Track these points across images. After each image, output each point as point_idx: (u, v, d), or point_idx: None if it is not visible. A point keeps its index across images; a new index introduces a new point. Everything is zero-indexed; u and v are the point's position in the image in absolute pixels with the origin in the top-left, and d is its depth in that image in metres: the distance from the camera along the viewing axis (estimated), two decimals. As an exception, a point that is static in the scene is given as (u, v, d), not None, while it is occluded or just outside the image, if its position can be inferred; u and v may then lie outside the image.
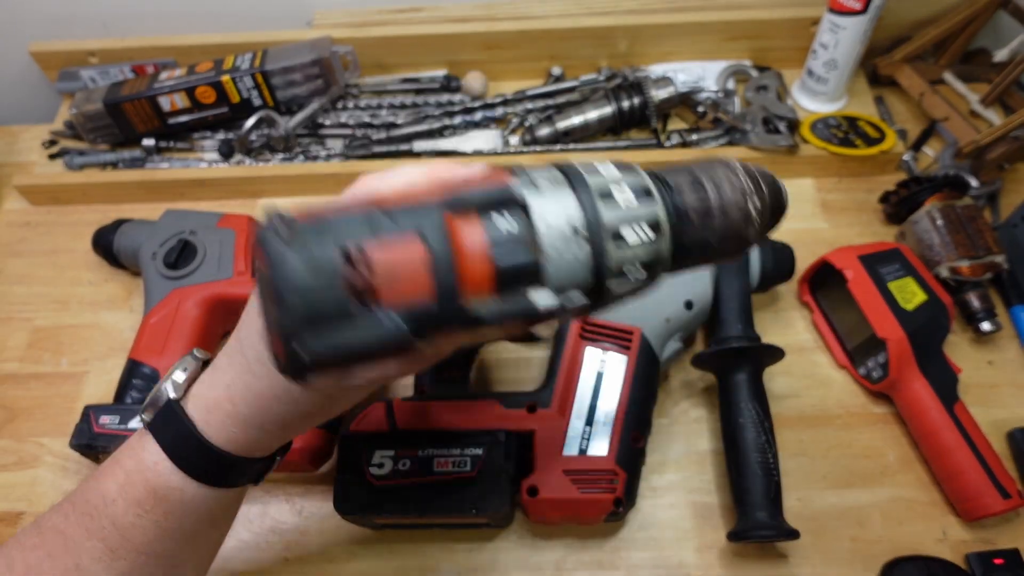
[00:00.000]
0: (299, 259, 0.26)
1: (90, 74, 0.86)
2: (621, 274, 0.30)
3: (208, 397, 0.37)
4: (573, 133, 0.80)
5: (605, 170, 0.30)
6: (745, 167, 0.32)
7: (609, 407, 0.57)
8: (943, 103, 0.78)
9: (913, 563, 0.56)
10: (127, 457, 0.38)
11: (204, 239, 0.67)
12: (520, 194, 0.28)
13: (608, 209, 0.29)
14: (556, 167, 0.31)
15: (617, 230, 0.29)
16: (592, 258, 0.29)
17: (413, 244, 0.27)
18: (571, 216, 0.29)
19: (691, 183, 0.31)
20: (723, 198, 0.31)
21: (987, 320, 0.66)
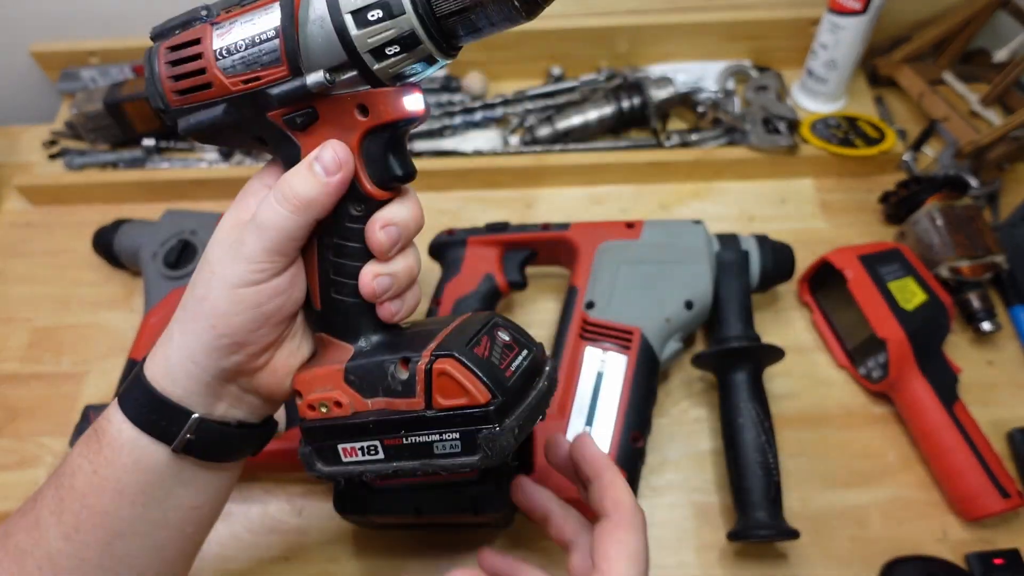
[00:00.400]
0: None
1: (91, 74, 0.86)
2: (381, 53, 0.33)
3: (157, 343, 0.39)
4: (573, 133, 0.80)
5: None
6: None
7: (609, 407, 0.57)
8: (943, 103, 0.78)
9: (913, 563, 0.56)
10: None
11: (204, 239, 0.67)
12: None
13: (360, 32, 0.32)
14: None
15: (357, 12, 0.32)
16: (337, 38, 0.32)
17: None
18: (317, 6, 0.32)
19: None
20: None
21: (987, 320, 0.66)
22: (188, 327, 0.37)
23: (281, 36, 0.33)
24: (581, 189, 0.79)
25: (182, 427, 0.37)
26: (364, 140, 0.36)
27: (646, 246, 0.63)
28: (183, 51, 0.35)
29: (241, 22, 0.34)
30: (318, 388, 0.39)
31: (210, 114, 0.36)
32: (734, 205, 0.78)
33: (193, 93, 0.35)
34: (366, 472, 0.39)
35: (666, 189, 0.79)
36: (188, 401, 0.37)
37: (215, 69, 0.34)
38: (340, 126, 0.35)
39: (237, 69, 0.34)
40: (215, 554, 0.58)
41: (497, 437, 0.36)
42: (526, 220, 0.76)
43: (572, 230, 0.65)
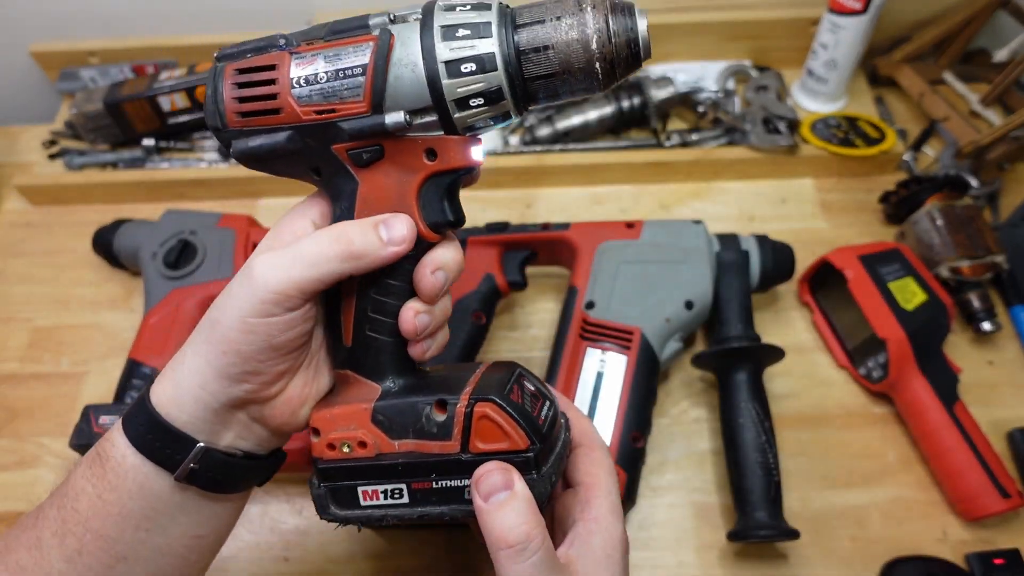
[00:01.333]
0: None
1: (90, 74, 0.86)
2: (466, 104, 0.34)
3: (165, 368, 0.38)
4: (573, 133, 0.80)
5: (459, 10, 0.34)
6: (599, 2, 0.34)
7: (609, 407, 0.57)
8: (943, 103, 0.78)
9: (913, 563, 0.56)
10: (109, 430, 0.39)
11: (204, 239, 0.67)
12: (384, 31, 0.34)
13: (444, 46, 0.33)
14: (424, 5, 0.35)
15: (450, 63, 0.33)
16: (427, 83, 0.33)
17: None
18: (411, 51, 0.34)
19: (535, 20, 0.34)
20: (559, 28, 0.34)
21: (987, 320, 0.66)
22: (200, 350, 0.36)
23: (370, 73, 0.34)
24: (581, 189, 0.79)
25: (186, 456, 0.36)
26: (425, 183, 0.36)
27: (646, 246, 0.63)
28: (255, 75, 0.35)
29: (326, 55, 0.35)
30: (340, 427, 0.38)
31: (271, 139, 0.36)
32: (734, 205, 0.78)
33: (258, 116, 0.36)
34: (387, 517, 0.38)
35: (666, 189, 0.79)
36: (193, 428, 0.36)
37: (288, 96, 0.35)
38: (404, 166, 0.36)
39: (313, 99, 0.35)
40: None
41: (535, 484, 0.35)
42: (526, 220, 0.76)
43: (572, 230, 0.65)
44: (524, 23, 0.34)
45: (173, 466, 0.36)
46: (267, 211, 0.79)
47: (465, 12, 0.34)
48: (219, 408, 0.36)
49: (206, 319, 0.37)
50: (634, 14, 0.34)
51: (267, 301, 0.34)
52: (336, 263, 0.35)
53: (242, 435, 0.39)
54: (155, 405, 0.36)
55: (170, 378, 0.37)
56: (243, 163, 0.37)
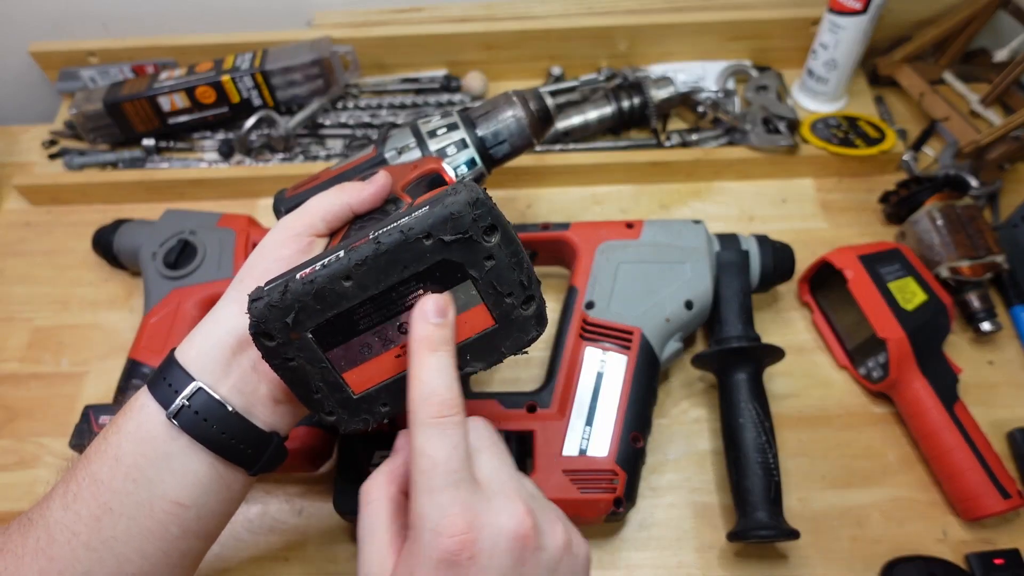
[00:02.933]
0: None
1: (90, 74, 0.86)
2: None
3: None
4: (573, 133, 0.80)
5: (441, 134, 0.55)
6: (518, 96, 0.56)
7: (609, 407, 0.57)
8: (943, 103, 0.78)
9: (913, 563, 0.56)
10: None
11: (204, 239, 0.67)
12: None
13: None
14: (412, 132, 0.56)
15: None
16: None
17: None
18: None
19: (486, 122, 0.56)
20: (505, 123, 0.55)
21: (987, 320, 0.66)
22: (228, 294, 0.41)
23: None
24: (581, 189, 0.79)
25: (180, 392, 0.38)
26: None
27: (646, 246, 0.63)
28: None
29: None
30: None
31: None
32: (734, 205, 0.78)
33: None
34: (317, 279, 0.34)
35: (666, 189, 0.79)
36: (197, 365, 0.39)
37: None
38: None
39: None
40: (215, 554, 0.58)
41: (458, 189, 0.38)
42: (526, 220, 0.76)
43: (572, 230, 0.65)
44: (482, 129, 0.56)
45: (168, 403, 0.38)
46: (267, 211, 0.79)
47: (446, 134, 0.56)
48: (226, 340, 0.39)
49: (236, 277, 0.42)
50: (540, 94, 0.57)
51: (296, 231, 0.42)
52: (340, 198, 0.43)
53: (240, 386, 0.39)
54: (176, 349, 0.40)
55: (195, 328, 0.41)
56: None
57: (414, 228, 0.34)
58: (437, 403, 0.34)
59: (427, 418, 0.34)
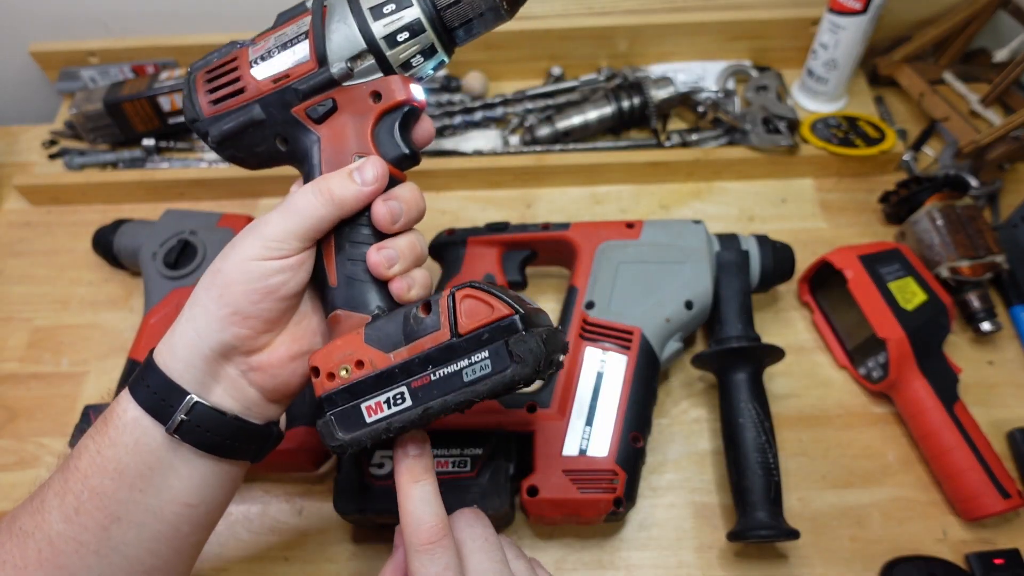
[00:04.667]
0: None
1: (90, 74, 0.86)
2: (394, 41, 0.40)
3: (171, 327, 0.41)
4: (573, 133, 0.80)
5: (389, 11, 0.41)
6: None
7: (609, 407, 0.57)
8: (943, 103, 0.78)
9: (913, 563, 0.56)
10: None
11: (204, 239, 0.67)
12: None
13: (375, 21, 0.40)
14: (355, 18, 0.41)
15: (374, 8, 0.40)
16: (358, 30, 0.40)
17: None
18: (342, 11, 0.40)
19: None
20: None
21: (987, 320, 0.66)
22: (199, 298, 0.39)
23: (311, 36, 0.40)
24: (581, 189, 0.79)
25: (177, 407, 0.38)
26: (378, 123, 0.41)
27: (646, 246, 0.63)
28: (221, 68, 0.42)
29: (276, 36, 0.42)
30: (336, 356, 0.39)
31: (241, 116, 0.42)
32: (734, 205, 0.78)
33: (227, 100, 0.42)
34: (392, 426, 0.38)
35: (666, 189, 0.79)
36: (187, 377, 0.38)
37: (249, 76, 0.42)
38: (356, 112, 0.41)
39: (270, 73, 0.41)
40: (215, 554, 0.58)
41: (527, 340, 0.36)
42: (526, 220, 0.76)
43: (572, 230, 0.65)
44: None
45: (166, 417, 0.38)
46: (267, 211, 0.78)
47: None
48: (209, 355, 0.39)
49: (208, 272, 0.40)
50: None
51: (269, 247, 0.39)
52: (323, 210, 0.39)
53: (231, 392, 0.40)
54: (155, 356, 0.39)
55: (171, 330, 0.40)
56: (222, 148, 0.43)
57: (481, 393, 0.36)
58: (426, 531, 0.37)
59: (418, 545, 0.37)
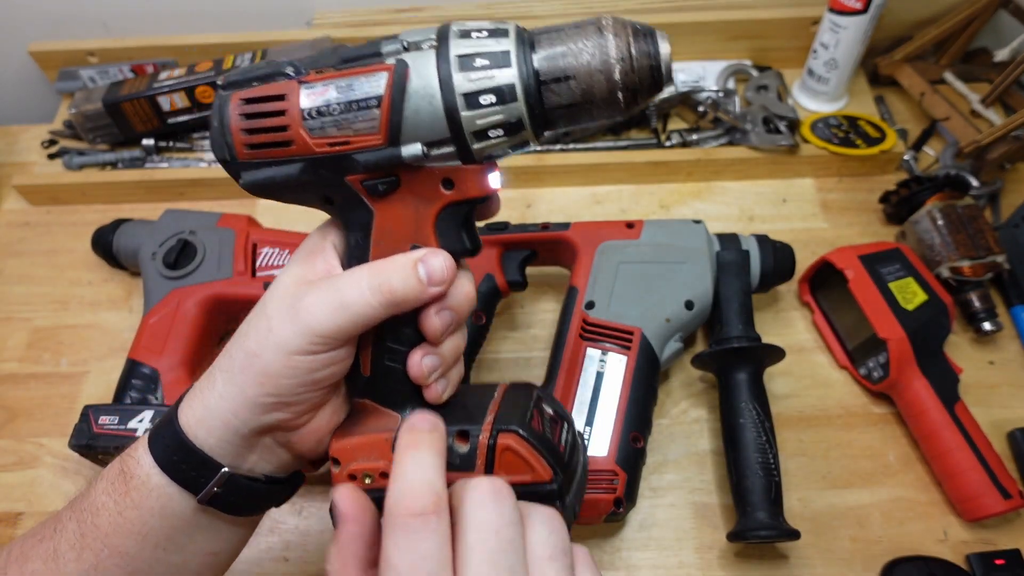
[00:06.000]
0: None
1: (90, 74, 0.86)
2: (484, 135, 0.33)
3: (194, 388, 0.38)
4: (573, 133, 0.80)
5: (475, 37, 0.33)
6: (618, 23, 0.33)
7: (609, 407, 0.57)
8: (944, 103, 0.78)
9: (913, 563, 0.55)
10: (132, 444, 0.39)
11: (204, 239, 0.67)
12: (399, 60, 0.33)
13: (463, 77, 0.32)
14: (438, 31, 0.34)
15: (469, 95, 0.32)
16: (445, 116, 0.33)
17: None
18: (428, 83, 0.33)
19: (554, 48, 0.33)
20: (580, 56, 0.33)
21: (988, 320, 0.66)
22: (235, 379, 0.36)
23: (386, 106, 0.33)
24: (581, 189, 0.79)
25: (210, 479, 0.36)
26: (441, 212, 0.36)
27: (646, 246, 0.63)
28: (263, 105, 0.34)
29: (337, 85, 0.33)
30: (361, 457, 0.37)
31: (283, 171, 0.35)
32: (734, 205, 0.77)
33: (268, 148, 0.35)
34: None
35: (666, 189, 0.79)
36: (219, 451, 0.36)
37: (300, 128, 0.34)
38: (421, 196, 0.36)
39: (326, 131, 0.34)
40: (214, 554, 0.58)
41: (563, 511, 0.34)
42: (526, 220, 0.76)
43: (572, 230, 0.65)
44: (544, 50, 0.33)
45: (197, 488, 0.36)
46: (267, 211, 0.78)
47: (482, 39, 0.33)
48: (247, 433, 0.36)
49: (240, 348, 0.36)
50: (656, 39, 0.33)
51: (314, 343, 0.34)
52: (379, 309, 0.34)
53: (265, 457, 0.39)
54: (183, 426, 0.36)
55: (199, 401, 0.37)
56: (253, 194, 0.37)
57: None
58: (411, 500, 0.29)
59: (398, 517, 0.29)
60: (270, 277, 0.66)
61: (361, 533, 0.31)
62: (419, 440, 0.32)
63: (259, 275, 0.66)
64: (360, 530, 0.31)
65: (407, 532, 0.28)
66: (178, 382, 0.61)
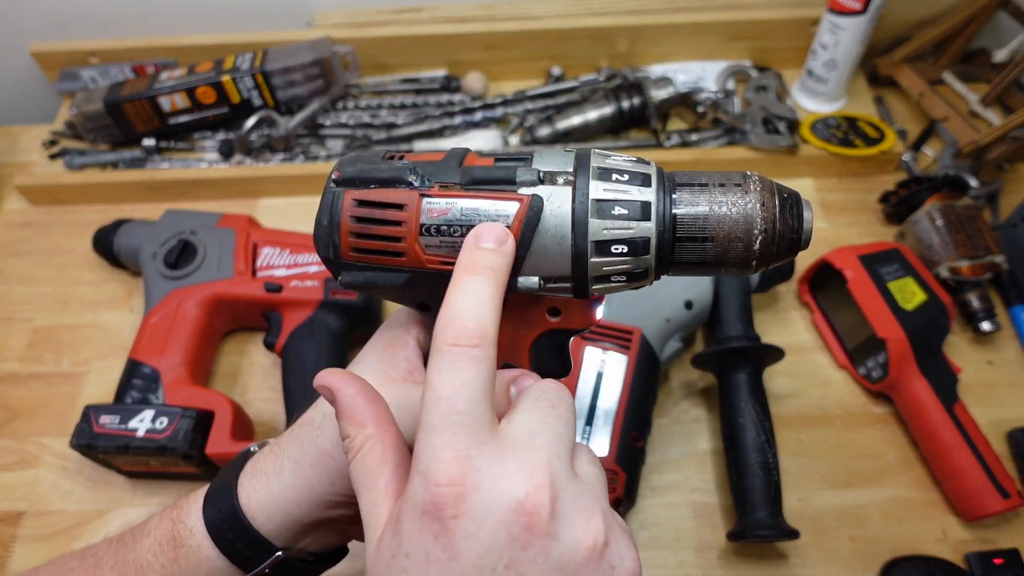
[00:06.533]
0: None
1: (90, 74, 0.86)
2: (606, 279, 0.32)
3: (258, 466, 0.37)
4: (573, 133, 0.80)
5: (615, 180, 0.31)
6: (766, 188, 0.31)
7: (609, 407, 0.57)
8: (943, 103, 0.78)
9: (913, 563, 0.56)
10: (181, 502, 0.38)
11: (204, 239, 0.67)
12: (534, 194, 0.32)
13: (598, 224, 0.31)
14: (576, 159, 0.32)
15: (601, 243, 0.31)
16: (571, 259, 0.31)
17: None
18: (561, 223, 0.31)
19: (697, 205, 0.31)
20: (722, 222, 0.31)
21: (987, 320, 0.66)
22: (304, 472, 0.35)
23: (515, 237, 0.31)
24: (581, 189, 0.79)
25: (263, 559, 0.36)
26: (540, 336, 0.35)
27: (646, 246, 0.63)
28: (380, 211, 0.32)
29: (463, 208, 0.32)
30: None
31: (388, 279, 0.33)
32: (734, 205, 0.77)
33: (377, 255, 0.33)
34: None
35: (666, 189, 0.79)
36: (276, 535, 0.36)
37: (415, 243, 0.32)
38: (524, 320, 0.35)
39: (443, 250, 0.32)
40: (215, 554, 0.58)
41: None
42: (526, 220, 0.76)
43: (572, 230, 0.65)
44: (685, 205, 0.31)
45: (248, 567, 0.36)
46: (267, 211, 0.79)
47: (623, 184, 0.31)
48: (307, 524, 0.36)
49: (313, 444, 0.35)
50: (802, 210, 0.31)
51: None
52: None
53: (320, 540, 0.38)
54: (243, 506, 0.36)
55: (263, 485, 0.36)
56: (350, 289, 0.35)
57: None
58: (459, 327, 0.28)
59: (441, 344, 0.28)
60: (270, 277, 0.66)
61: (358, 393, 0.31)
62: (478, 262, 0.30)
63: (259, 275, 0.66)
64: (355, 391, 0.31)
65: (450, 358, 0.28)
66: (179, 382, 0.61)
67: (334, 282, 0.65)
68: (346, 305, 0.65)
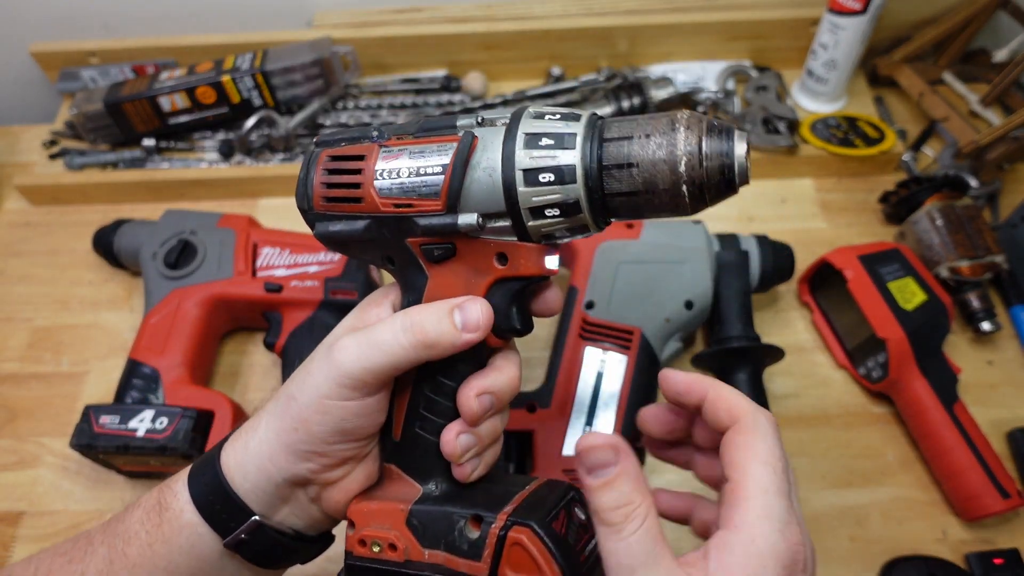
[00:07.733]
0: None
1: (90, 74, 0.86)
2: (540, 213, 0.34)
3: (241, 428, 0.38)
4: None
5: (547, 119, 0.34)
6: (693, 118, 0.32)
7: (609, 407, 0.57)
8: (943, 103, 0.78)
9: (913, 563, 0.56)
10: (175, 473, 0.39)
11: (204, 239, 0.67)
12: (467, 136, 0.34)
13: (525, 154, 0.33)
14: (514, 111, 0.35)
15: (528, 171, 0.33)
16: (502, 189, 0.33)
17: None
18: (491, 156, 0.34)
19: (622, 135, 0.33)
20: (646, 147, 0.32)
21: (987, 320, 0.66)
22: (274, 424, 0.37)
23: (448, 174, 0.34)
24: (581, 189, 0.79)
25: (240, 524, 0.36)
26: (493, 286, 0.36)
27: (646, 246, 0.63)
28: (345, 163, 0.36)
29: (411, 151, 0.35)
30: (375, 524, 0.37)
31: (350, 226, 0.36)
32: (734, 205, 0.77)
33: (341, 203, 0.36)
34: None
35: (666, 189, 0.79)
36: (253, 498, 0.37)
37: (371, 187, 0.35)
38: (474, 267, 0.36)
39: (393, 192, 0.35)
40: (215, 554, 0.58)
41: None
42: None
43: (572, 230, 0.65)
44: (611, 138, 0.33)
45: (226, 532, 0.36)
46: (267, 211, 0.79)
47: (553, 121, 0.33)
48: (281, 483, 0.37)
49: (283, 392, 0.37)
50: (732, 137, 0.32)
51: (344, 384, 0.34)
52: (410, 351, 0.34)
53: (296, 512, 0.39)
54: (223, 467, 0.37)
55: (242, 443, 0.37)
56: (324, 244, 0.38)
57: None
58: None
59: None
60: (270, 277, 0.66)
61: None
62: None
63: (259, 275, 0.66)
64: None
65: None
66: (179, 382, 0.61)
67: (334, 282, 0.66)
68: (346, 305, 0.65)
